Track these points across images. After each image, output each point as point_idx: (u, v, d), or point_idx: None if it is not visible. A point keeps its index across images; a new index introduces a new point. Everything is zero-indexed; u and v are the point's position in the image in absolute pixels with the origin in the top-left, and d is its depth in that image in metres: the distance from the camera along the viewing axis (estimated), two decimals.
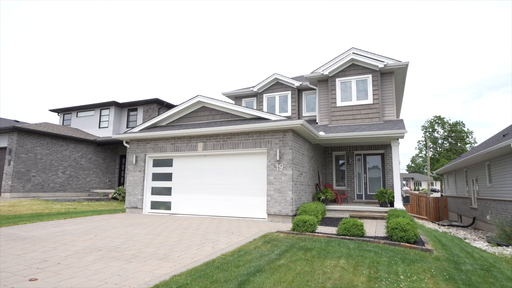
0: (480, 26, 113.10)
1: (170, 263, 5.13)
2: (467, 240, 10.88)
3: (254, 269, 4.81)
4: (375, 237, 7.35)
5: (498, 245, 9.12)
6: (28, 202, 13.45)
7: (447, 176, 23.69)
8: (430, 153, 58.04)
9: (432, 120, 60.80)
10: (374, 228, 8.71)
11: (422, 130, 61.84)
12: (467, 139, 56.84)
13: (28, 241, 6.62)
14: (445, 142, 59.62)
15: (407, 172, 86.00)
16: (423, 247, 6.52)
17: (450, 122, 59.25)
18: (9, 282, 4.12)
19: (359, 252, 6.05)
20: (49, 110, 23.18)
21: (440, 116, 60.08)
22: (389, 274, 4.91)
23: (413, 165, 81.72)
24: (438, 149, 59.53)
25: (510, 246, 8.74)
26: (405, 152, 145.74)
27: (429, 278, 4.90)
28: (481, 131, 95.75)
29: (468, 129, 57.98)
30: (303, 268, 4.99)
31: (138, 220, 9.92)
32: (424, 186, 76.73)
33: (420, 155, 71.99)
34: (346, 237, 7.18)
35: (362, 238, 7.09)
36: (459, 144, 56.74)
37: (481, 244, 9.56)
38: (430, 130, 60.93)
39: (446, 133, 59.39)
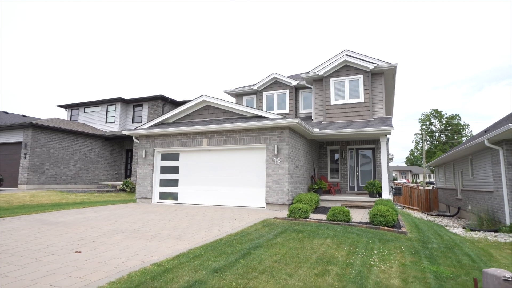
0: (482, 18, 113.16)
1: (185, 242, 6.20)
2: (447, 227, 11.98)
3: (254, 245, 5.89)
4: (360, 222, 8.42)
5: (472, 230, 10.22)
6: (45, 193, 14.54)
7: (438, 169, 24.78)
8: (427, 146, 59.11)
9: (429, 114, 61.75)
10: (361, 215, 9.79)
11: (420, 123, 62.86)
12: (464, 132, 57.89)
13: (60, 225, 7.69)
14: (441, 135, 60.66)
15: (405, 165, 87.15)
16: (399, 230, 7.61)
17: (447, 115, 60.21)
18: (61, 253, 5.19)
19: (343, 234, 7.13)
20: (58, 105, 24.15)
21: (437, 109, 61.06)
22: (365, 250, 5.99)
23: (411, 157, 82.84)
24: (434, 142, 60.60)
25: (481, 231, 9.84)
26: (404, 145, 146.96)
27: (398, 253, 5.98)
28: (481, 124, 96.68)
29: (464, 122, 58.99)
30: (294, 245, 6.07)
31: (150, 209, 11.00)
32: (422, 178, 77.94)
33: (418, 147, 73.07)
34: (334, 222, 8.25)
35: (348, 223, 8.16)
36: (455, 137, 57.77)
37: (458, 230, 10.66)
38: (427, 123, 61.94)
39: (442, 127, 60.39)
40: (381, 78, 13.69)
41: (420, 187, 25.08)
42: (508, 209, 9.64)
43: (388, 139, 12.61)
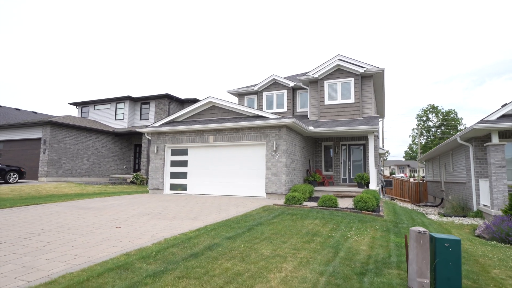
0: (483, 12, 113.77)
1: (200, 221, 7.66)
2: (427, 215, 13.45)
3: (256, 223, 7.36)
4: (346, 208, 9.88)
5: (445, 216, 11.70)
6: (66, 185, 16.01)
7: (427, 163, 26.25)
8: (423, 141, 60.61)
9: (426, 109, 63.11)
10: (348, 203, 11.25)
11: (416, 118, 64.23)
12: (459, 126, 59.28)
13: (93, 210, 9.15)
14: (438, 130, 62.06)
15: (404, 160, 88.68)
16: (378, 214, 9.07)
17: (443, 110, 61.56)
18: (105, 228, 6.65)
19: (330, 216, 8.59)
20: (69, 103, 25.53)
21: (433, 104, 62.39)
22: (346, 228, 7.45)
23: (409, 152, 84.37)
24: (431, 137, 62.04)
25: (453, 217, 11.32)
26: (404, 140, 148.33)
27: (372, 230, 7.44)
28: (480, 119, 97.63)
29: (457, 116, 60.35)
30: (289, 224, 7.54)
31: (163, 198, 12.47)
32: (418, 173, 79.55)
33: (415, 142, 74.51)
34: (324, 207, 9.71)
35: (335, 208, 9.62)
36: (451, 132, 59.17)
37: (434, 216, 12.13)
38: (424, 118, 63.31)
39: (439, 122, 61.78)
40: (370, 80, 15.08)
41: (411, 181, 26.58)
42: (475, 197, 11.10)
43: (376, 136, 14.01)
